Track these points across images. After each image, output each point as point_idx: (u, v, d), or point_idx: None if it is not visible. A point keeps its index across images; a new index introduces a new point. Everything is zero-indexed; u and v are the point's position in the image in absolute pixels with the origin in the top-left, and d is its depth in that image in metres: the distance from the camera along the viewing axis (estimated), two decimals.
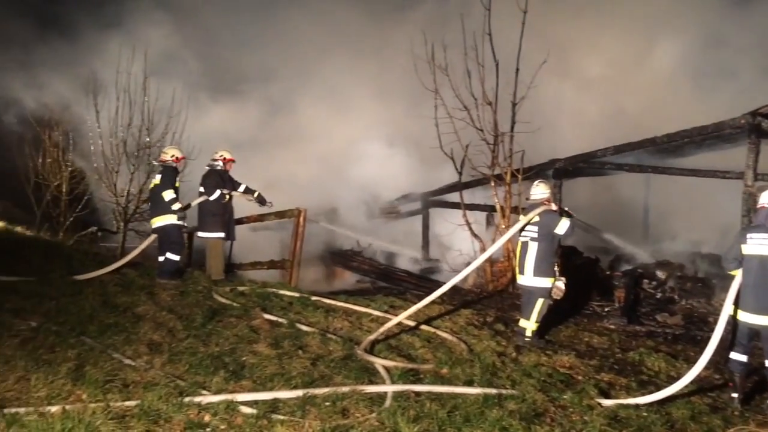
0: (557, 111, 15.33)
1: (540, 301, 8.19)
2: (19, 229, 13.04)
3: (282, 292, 9.56)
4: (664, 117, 13.31)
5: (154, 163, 10.20)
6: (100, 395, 5.06)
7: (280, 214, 11.85)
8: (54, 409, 4.62)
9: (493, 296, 11.11)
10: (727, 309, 6.52)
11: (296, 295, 9.44)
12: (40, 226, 14.56)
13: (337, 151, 16.62)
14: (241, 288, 9.52)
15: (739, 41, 14.93)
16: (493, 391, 6.13)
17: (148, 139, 14.83)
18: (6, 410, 4.54)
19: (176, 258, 9.74)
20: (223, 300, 8.66)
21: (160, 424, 4.69)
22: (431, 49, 12.20)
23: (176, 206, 9.69)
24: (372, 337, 7.60)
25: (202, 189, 10.37)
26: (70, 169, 15.80)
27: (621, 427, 5.51)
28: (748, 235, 6.56)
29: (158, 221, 9.83)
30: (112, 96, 14.90)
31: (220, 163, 10.42)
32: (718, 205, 12.16)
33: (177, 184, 9.92)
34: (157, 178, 9.97)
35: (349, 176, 15.81)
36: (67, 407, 4.65)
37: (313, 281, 14.00)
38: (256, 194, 10.71)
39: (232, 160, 10.57)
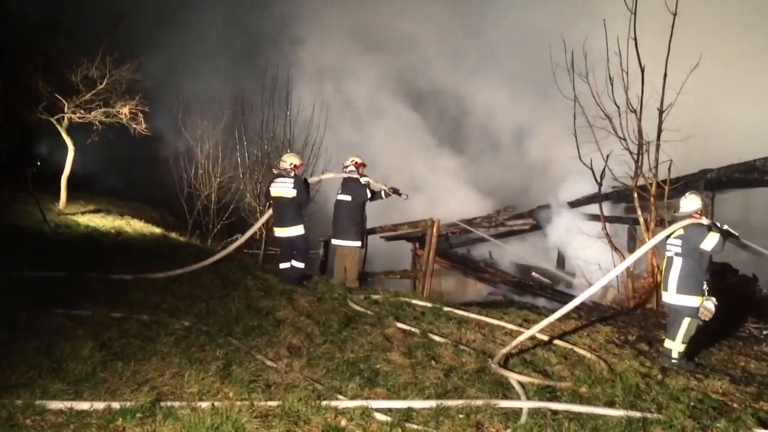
0: (709, 119, 14.30)
1: (686, 321, 7.65)
2: (173, 235, 14.15)
3: (414, 301, 9.62)
4: None
5: (274, 171, 10.39)
6: (245, 394, 5.33)
7: (414, 224, 11.97)
8: (204, 404, 4.92)
9: (635, 314, 10.52)
10: None
11: (428, 305, 9.47)
12: (192, 232, 15.74)
13: None
14: (374, 296, 9.69)
15: None
16: (638, 414, 5.78)
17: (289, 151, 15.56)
18: (162, 403, 4.90)
19: (302, 266, 9.94)
20: (358, 308, 8.86)
21: (299, 425, 4.86)
22: (571, 56, 11.89)
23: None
24: (506, 350, 7.44)
25: (345, 197, 10.42)
26: (218, 179, 16.95)
27: None
28: None
29: (285, 231, 9.94)
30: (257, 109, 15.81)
31: (353, 168, 10.59)
32: None
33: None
34: (283, 188, 9.86)
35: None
36: (216, 404, 4.94)
37: (445, 292, 14.01)
38: (387, 187, 10.54)
39: (363, 164, 10.70)
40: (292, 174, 9.91)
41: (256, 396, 5.29)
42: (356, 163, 10.59)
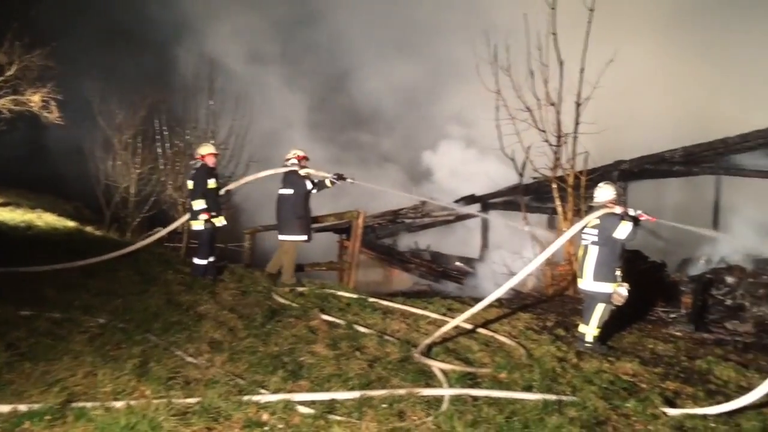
0: (623, 112, 14.90)
1: (600, 307, 7.98)
2: (89, 229, 13.59)
3: (340, 293, 9.63)
4: (734, 117, 12.75)
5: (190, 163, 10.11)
6: (163, 392, 5.19)
7: (340, 216, 11.95)
8: (119, 404, 4.77)
9: (554, 300, 10.89)
10: None
11: (354, 296, 9.49)
12: (110, 226, 15.17)
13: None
14: (300, 289, 9.63)
15: None
16: (553, 397, 5.99)
17: (212, 141, 15.23)
18: (74, 404, 4.71)
19: (201, 261, 9.73)
20: (283, 300, 8.78)
21: (219, 422, 4.78)
22: (494, 50, 12.13)
23: (203, 216, 9.59)
24: (429, 339, 7.56)
25: (287, 191, 10.20)
26: (138, 171, 16.40)
27: None
28: None
29: (191, 224, 9.83)
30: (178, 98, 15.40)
31: (295, 161, 10.36)
32: None
33: (213, 185, 9.77)
34: (189, 180, 9.82)
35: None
36: (132, 403, 4.79)
37: (371, 283, 14.07)
38: (331, 175, 10.36)
39: (306, 157, 10.46)
40: (198, 164, 9.76)
41: (174, 393, 5.17)
42: (298, 156, 10.43)
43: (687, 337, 9.18)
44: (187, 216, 10.63)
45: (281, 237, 10.30)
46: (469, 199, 15.09)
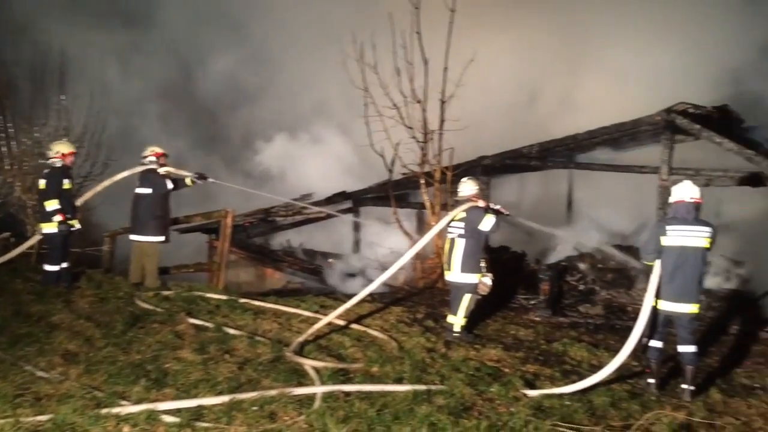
0: (486, 109, 15.55)
1: (467, 297, 8.31)
2: None
3: (209, 295, 9.34)
4: (589, 114, 13.67)
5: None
6: (9, 410, 4.78)
7: (208, 215, 11.59)
8: None
9: (424, 293, 11.19)
10: (650, 299, 6.77)
11: (224, 297, 9.24)
12: None
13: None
14: (165, 292, 9.23)
15: (659, 41, 15.46)
16: (423, 387, 6.15)
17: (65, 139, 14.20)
18: None
19: (52, 268, 9.15)
20: (146, 305, 8.37)
21: None
22: (360, 48, 12.25)
23: (57, 218, 9.04)
24: (301, 338, 7.52)
25: (145, 190, 9.72)
26: None
27: (545, 417, 5.62)
28: (667, 227, 6.80)
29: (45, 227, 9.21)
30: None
31: (153, 158, 9.85)
32: (636, 199, 12.61)
33: (68, 186, 9.26)
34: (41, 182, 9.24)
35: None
36: None
37: (243, 283, 13.76)
38: (192, 174, 10.03)
39: (164, 154, 9.97)
40: (57, 163, 9.24)
41: (22, 411, 4.77)
42: (156, 153, 9.93)
43: (545, 321, 9.77)
44: (36, 237, 9.93)
45: (135, 237, 9.83)
46: (340, 196, 15.16)
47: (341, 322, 8.42)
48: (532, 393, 6.27)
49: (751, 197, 11.73)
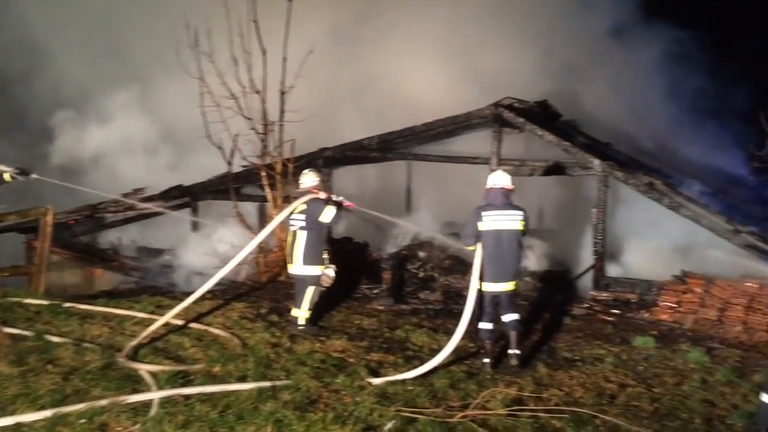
0: (327, 100, 15.56)
1: (311, 289, 8.30)
2: None
3: (27, 300, 8.50)
4: (427, 107, 14.12)
5: None
6: None
7: (24, 214, 10.54)
8: None
9: (267, 287, 11.01)
10: (475, 282, 7.24)
11: (45, 302, 8.46)
12: None
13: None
14: None
15: (490, 40, 16.34)
16: (267, 383, 6.05)
17: None
18: None
19: None
20: None
21: None
22: (194, 34, 11.71)
23: None
24: (135, 341, 7.08)
25: None
26: None
27: (390, 403, 5.75)
28: (483, 213, 7.29)
29: None
30: None
31: None
32: (469, 188, 13.27)
33: None
34: None
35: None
36: None
37: (70, 286, 12.68)
38: (11, 168, 9.00)
39: None
40: None
41: None
42: None
43: (388, 309, 10.00)
44: None
45: None
46: (177, 190, 14.44)
47: (179, 322, 8.06)
48: (377, 381, 6.39)
49: (568, 184, 12.83)
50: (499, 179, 7.45)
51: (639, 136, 15.00)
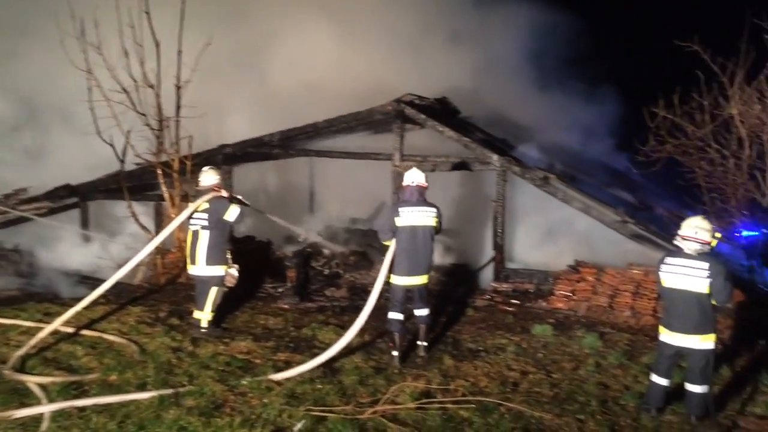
0: (228, 95, 15.13)
1: (214, 290, 8.06)
2: None
3: None
4: (330, 103, 14.01)
5: None
6: None
7: None
8: None
9: (167, 290, 10.58)
10: (383, 275, 7.35)
11: None
12: None
13: None
14: None
15: (391, 39, 16.46)
16: (169, 390, 5.81)
17: None
18: None
19: None
20: None
21: None
22: (80, 25, 11.06)
23: None
24: (21, 351, 6.60)
25: None
26: None
27: (299, 403, 5.67)
28: (400, 209, 7.40)
29: None
30: None
31: None
32: (375, 184, 13.32)
33: None
34: None
35: None
36: None
37: None
38: None
39: None
40: None
41: None
42: None
43: (294, 308, 9.86)
44: None
45: None
46: (64, 190, 13.57)
47: (70, 330, 7.60)
48: (277, 376, 6.30)
49: (470, 180, 13.15)
50: (416, 177, 7.56)
51: (533, 131, 15.58)
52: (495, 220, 11.50)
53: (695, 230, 5.87)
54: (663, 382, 6.05)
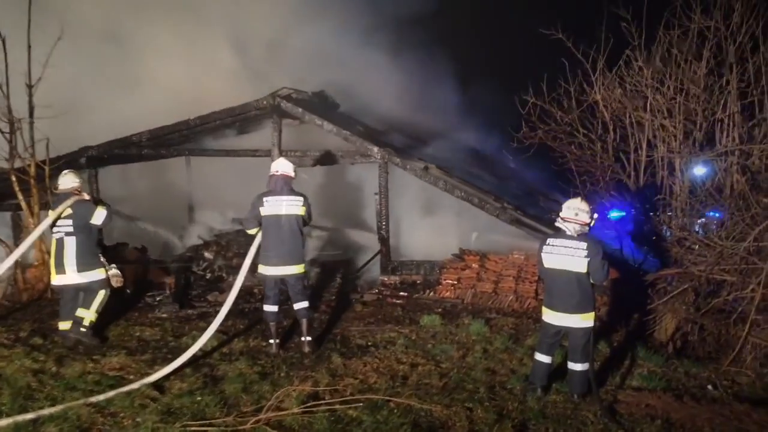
0: (89, 94, 14.09)
1: (101, 293, 7.70)
2: None
3: None
4: (210, 101, 13.42)
5: None
6: None
7: None
8: None
9: (29, 307, 9.66)
10: (246, 265, 7.42)
11: None
12: None
13: None
14: None
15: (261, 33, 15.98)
16: (29, 416, 5.24)
17: None
18: None
19: None
20: None
21: None
22: None
23: None
24: None
25: None
26: None
27: (175, 419, 5.27)
28: (264, 199, 7.37)
29: None
30: None
31: None
32: (258, 182, 12.88)
33: None
34: None
35: None
36: None
37: None
38: None
39: None
40: None
41: None
42: None
43: (173, 316, 9.29)
44: None
45: None
46: None
47: None
48: (148, 379, 5.98)
49: (350, 173, 13.03)
50: (281, 166, 7.56)
51: (411, 123, 15.69)
52: (378, 212, 11.44)
53: (575, 212, 6.03)
54: (546, 359, 6.18)
